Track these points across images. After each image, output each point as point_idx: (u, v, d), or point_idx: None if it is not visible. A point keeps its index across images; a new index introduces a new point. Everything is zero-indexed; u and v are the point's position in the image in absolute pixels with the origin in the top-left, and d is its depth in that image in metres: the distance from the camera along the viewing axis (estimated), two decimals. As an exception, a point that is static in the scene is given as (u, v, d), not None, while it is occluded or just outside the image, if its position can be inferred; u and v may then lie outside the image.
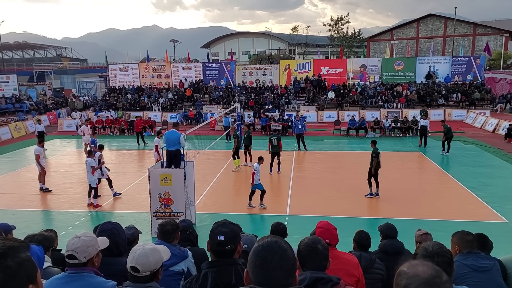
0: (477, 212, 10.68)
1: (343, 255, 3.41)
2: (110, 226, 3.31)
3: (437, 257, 2.45)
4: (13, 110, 31.43)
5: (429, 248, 2.53)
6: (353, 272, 3.27)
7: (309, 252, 2.36)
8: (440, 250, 2.52)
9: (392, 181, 14.00)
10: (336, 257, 3.22)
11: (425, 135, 19.31)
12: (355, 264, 3.37)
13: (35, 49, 76.35)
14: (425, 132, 19.25)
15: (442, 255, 2.49)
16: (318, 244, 2.41)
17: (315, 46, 63.96)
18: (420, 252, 2.56)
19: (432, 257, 2.45)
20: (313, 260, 2.34)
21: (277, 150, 14.74)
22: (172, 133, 10.23)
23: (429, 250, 2.52)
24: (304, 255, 2.35)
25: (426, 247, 2.56)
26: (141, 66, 35.84)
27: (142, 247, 2.47)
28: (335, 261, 3.16)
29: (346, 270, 3.20)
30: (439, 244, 2.61)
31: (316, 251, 2.37)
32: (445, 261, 2.46)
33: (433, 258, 2.43)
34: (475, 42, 48.25)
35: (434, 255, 2.46)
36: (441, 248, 2.55)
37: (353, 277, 3.23)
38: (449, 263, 2.51)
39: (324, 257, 2.41)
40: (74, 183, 14.16)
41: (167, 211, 9.35)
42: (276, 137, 15.13)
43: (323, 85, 32.22)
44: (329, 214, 10.38)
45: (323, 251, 2.41)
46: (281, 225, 4.71)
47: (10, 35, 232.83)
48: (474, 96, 29.43)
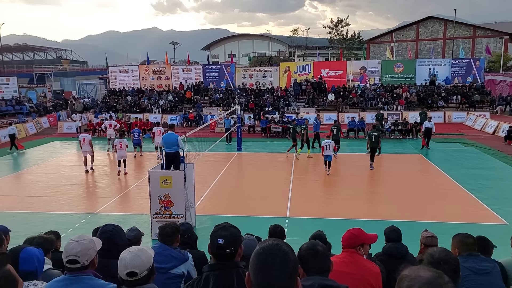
0: (477, 214, 10.67)
1: (365, 262, 3.25)
2: (110, 228, 3.32)
3: (444, 264, 2.42)
4: (13, 112, 31.45)
5: (436, 255, 2.48)
6: (370, 281, 3.10)
7: (310, 255, 2.36)
8: (446, 258, 2.47)
9: (392, 183, 14.00)
10: (355, 262, 3.12)
11: (429, 137, 19.34)
12: (375, 274, 3.19)
13: (35, 51, 76.38)
14: (429, 134, 19.28)
15: (449, 262, 2.45)
16: (317, 246, 2.42)
17: (315, 48, 64.17)
18: (426, 258, 2.51)
19: (438, 264, 2.42)
20: (315, 262, 2.34)
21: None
22: (170, 135, 10.22)
23: (435, 257, 2.47)
24: (306, 260, 2.34)
25: (433, 253, 2.51)
26: (141, 68, 35.88)
27: (128, 252, 2.49)
28: (353, 265, 3.09)
29: (361, 276, 3.06)
30: (446, 251, 2.58)
31: (317, 253, 2.37)
32: (451, 269, 2.42)
33: (439, 266, 2.40)
34: (475, 44, 48.33)
35: (440, 262, 2.42)
36: (447, 255, 2.51)
37: (368, 286, 3.08)
38: (456, 270, 2.47)
39: (326, 258, 2.40)
40: (73, 185, 14.14)
41: (167, 213, 9.34)
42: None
43: (323, 87, 32.26)
44: (329, 216, 10.39)
45: (323, 252, 2.41)
46: (279, 227, 4.71)
47: (10, 37, 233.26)
48: (474, 98, 29.45)
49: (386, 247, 4.51)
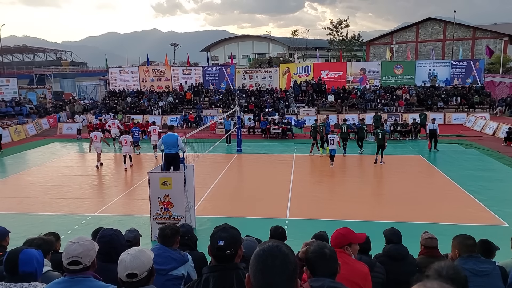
0: (477, 215, 10.67)
1: (353, 262, 3.19)
2: (109, 233, 3.32)
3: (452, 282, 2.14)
4: (13, 114, 31.46)
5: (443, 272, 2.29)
6: (358, 281, 3.04)
7: (317, 258, 2.36)
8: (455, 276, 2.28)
9: (392, 185, 14.01)
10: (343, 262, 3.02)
11: (435, 138, 19.09)
12: (363, 274, 3.12)
13: (35, 53, 76.49)
14: (435, 135, 19.03)
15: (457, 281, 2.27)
16: (324, 249, 2.43)
17: (315, 49, 64.21)
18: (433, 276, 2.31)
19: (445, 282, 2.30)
20: (323, 265, 2.34)
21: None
22: (169, 136, 10.23)
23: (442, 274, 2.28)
24: (313, 262, 2.34)
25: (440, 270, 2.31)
26: (141, 70, 35.90)
27: (128, 253, 2.49)
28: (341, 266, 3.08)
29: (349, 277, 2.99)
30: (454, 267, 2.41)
31: (324, 256, 2.38)
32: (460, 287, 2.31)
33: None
34: (474, 45, 48.40)
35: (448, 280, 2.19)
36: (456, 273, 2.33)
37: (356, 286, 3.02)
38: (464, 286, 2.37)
39: (333, 260, 2.39)
40: (73, 187, 14.13)
41: (167, 215, 9.33)
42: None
43: (323, 88, 32.28)
44: (329, 218, 10.39)
45: (331, 254, 2.41)
46: (280, 229, 4.70)
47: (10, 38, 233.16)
48: (474, 100, 29.46)
49: (386, 248, 4.51)
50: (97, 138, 17.18)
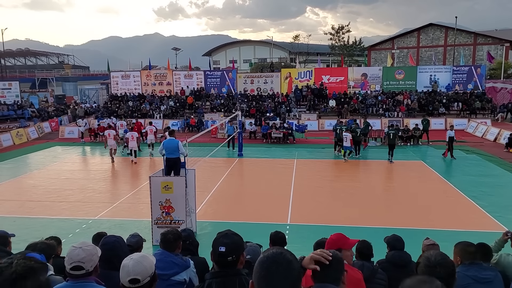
0: (478, 221, 10.63)
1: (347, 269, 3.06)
2: (112, 240, 3.31)
3: (440, 267, 2.45)
4: (15, 117, 31.58)
5: (432, 259, 2.51)
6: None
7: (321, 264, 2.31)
8: (442, 261, 2.50)
9: (393, 190, 13.99)
10: None
11: (452, 146, 18.49)
12: (356, 281, 3.05)
13: (38, 56, 76.69)
14: (452, 143, 18.41)
15: (445, 266, 2.48)
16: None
17: (316, 54, 64.35)
18: (423, 262, 2.54)
19: (434, 268, 2.44)
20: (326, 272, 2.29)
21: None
22: (170, 141, 10.29)
23: (431, 260, 2.50)
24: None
25: (429, 257, 2.54)
26: (143, 74, 36.00)
27: (131, 259, 2.48)
28: None
29: None
30: (442, 254, 2.60)
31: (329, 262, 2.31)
32: (447, 272, 2.46)
33: (435, 269, 2.43)
34: (475, 51, 48.44)
35: (436, 265, 2.45)
36: (444, 258, 2.54)
37: None
38: (452, 274, 2.50)
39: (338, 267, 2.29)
40: (75, 190, 14.14)
41: (168, 219, 9.32)
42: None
43: (324, 93, 32.33)
44: (330, 223, 10.35)
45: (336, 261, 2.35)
46: (280, 234, 4.70)
47: (12, 42, 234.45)
48: (475, 105, 29.47)
49: (389, 255, 4.50)
50: (110, 136, 18.70)
